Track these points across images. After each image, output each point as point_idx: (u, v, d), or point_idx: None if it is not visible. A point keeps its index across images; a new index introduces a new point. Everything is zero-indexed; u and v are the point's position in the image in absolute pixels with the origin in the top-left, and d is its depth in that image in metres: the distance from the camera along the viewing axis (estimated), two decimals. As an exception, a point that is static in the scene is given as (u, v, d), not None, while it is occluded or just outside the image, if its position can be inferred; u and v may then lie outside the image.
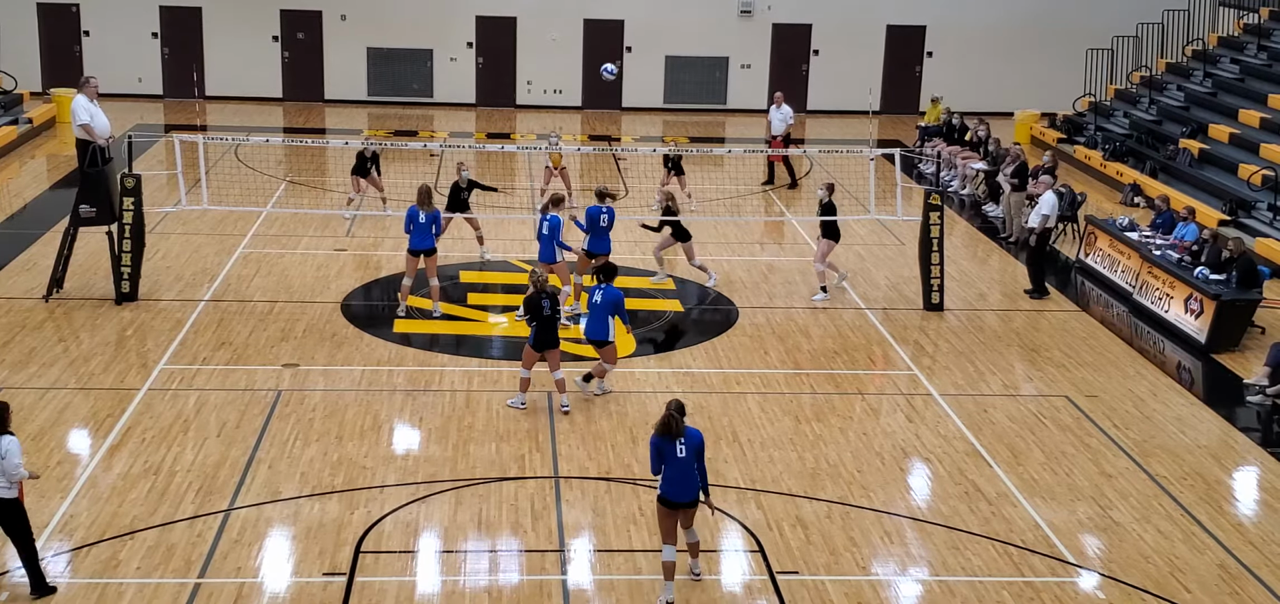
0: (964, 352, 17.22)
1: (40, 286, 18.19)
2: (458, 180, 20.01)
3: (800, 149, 28.00)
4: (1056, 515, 12.66)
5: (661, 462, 10.49)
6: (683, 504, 10.53)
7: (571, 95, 35.37)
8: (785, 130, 26.94)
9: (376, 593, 10.89)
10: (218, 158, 26.81)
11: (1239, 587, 11.50)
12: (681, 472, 10.41)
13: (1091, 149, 29.12)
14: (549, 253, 17.34)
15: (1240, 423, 15.36)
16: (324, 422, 14.19)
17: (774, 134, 26.88)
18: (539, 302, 14.39)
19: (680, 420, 10.44)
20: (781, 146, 26.54)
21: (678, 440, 10.41)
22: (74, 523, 11.82)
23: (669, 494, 10.46)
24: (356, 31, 34.54)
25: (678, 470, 10.40)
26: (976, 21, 35.52)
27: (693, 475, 10.48)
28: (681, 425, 10.43)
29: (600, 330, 14.81)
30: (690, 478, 10.47)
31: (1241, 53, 29.44)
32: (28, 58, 33.32)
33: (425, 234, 17.44)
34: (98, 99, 18.48)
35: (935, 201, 18.86)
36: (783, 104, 26.90)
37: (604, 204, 17.94)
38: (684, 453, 10.41)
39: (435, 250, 17.66)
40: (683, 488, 10.45)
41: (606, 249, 17.74)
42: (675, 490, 10.46)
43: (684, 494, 10.47)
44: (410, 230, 17.50)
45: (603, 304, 14.75)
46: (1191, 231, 19.73)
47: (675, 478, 10.43)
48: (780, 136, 26.79)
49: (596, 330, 14.85)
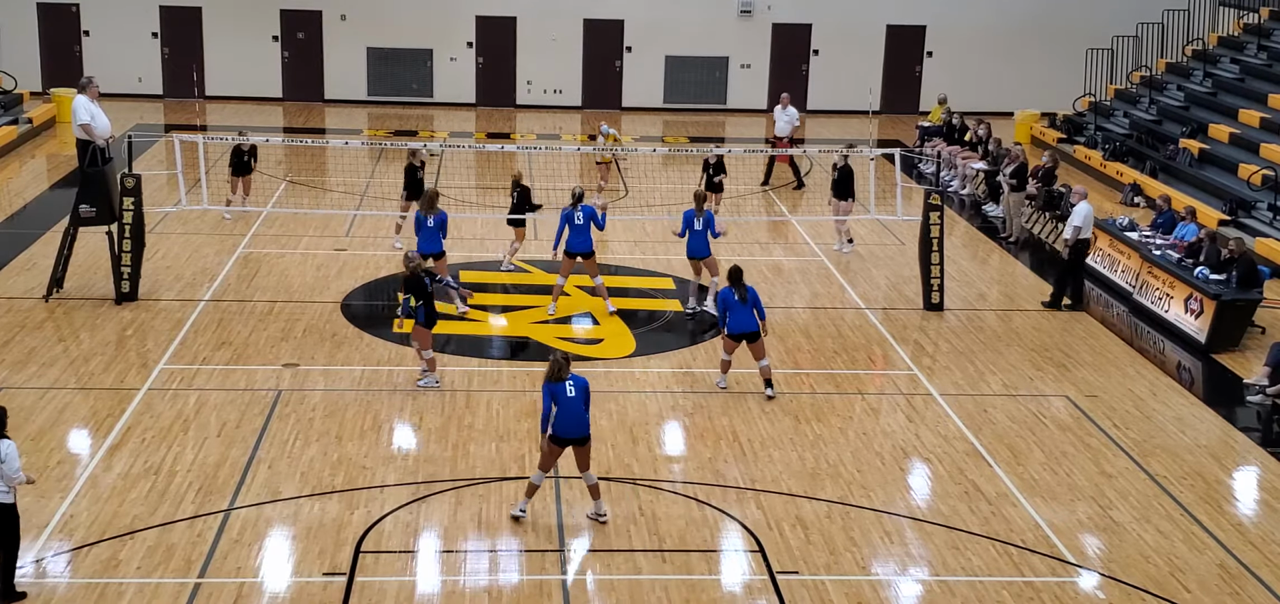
0: (964, 352, 17.22)
1: (40, 286, 18.19)
2: (412, 162, 20.44)
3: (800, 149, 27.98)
4: (1056, 515, 12.66)
5: (553, 403, 11.59)
6: (572, 440, 11.67)
7: (571, 95, 35.36)
8: (790, 131, 26.93)
9: (376, 593, 10.89)
10: (218, 158, 26.79)
11: (1239, 587, 11.50)
12: (571, 410, 11.56)
13: (1091, 149, 29.12)
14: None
15: (1240, 423, 15.36)
16: (324, 422, 14.19)
17: (779, 135, 26.88)
18: (421, 279, 14.75)
19: (566, 366, 11.65)
20: (788, 147, 26.56)
21: (566, 382, 11.56)
22: (74, 523, 11.82)
23: (559, 431, 11.63)
24: (356, 31, 34.54)
25: (567, 409, 11.55)
26: (976, 21, 35.52)
27: (583, 415, 11.61)
28: (567, 371, 11.62)
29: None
30: (579, 417, 11.60)
31: (1241, 53, 29.43)
32: (28, 58, 33.32)
33: (433, 238, 17.41)
34: (98, 99, 18.50)
35: (935, 201, 18.86)
36: (788, 105, 26.89)
37: (578, 207, 17.76)
38: (573, 393, 11.56)
39: (443, 254, 17.63)
40: (572, 425, 11.60)
41: (587, 248, 17.73)
42: (565, 428, 11.61)
43: (573, 431, 11.62)
44: (418, 234, 17.51)
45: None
46: (1191, 231, 19.73)
47: (565, 417, 11.57)
48: (786, 137, 26.79)
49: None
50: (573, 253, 17.79)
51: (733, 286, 15.01)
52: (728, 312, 15.07)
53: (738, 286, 14.98)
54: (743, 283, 15.02)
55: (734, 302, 14.98)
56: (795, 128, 27.19)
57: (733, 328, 15.05)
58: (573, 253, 17.79)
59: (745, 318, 14.96)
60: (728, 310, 15.06)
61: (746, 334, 15.04)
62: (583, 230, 17.74)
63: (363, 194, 24.52)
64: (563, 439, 11.69)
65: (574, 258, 17.78)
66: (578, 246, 17.75)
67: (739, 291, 14.95)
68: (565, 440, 11.70)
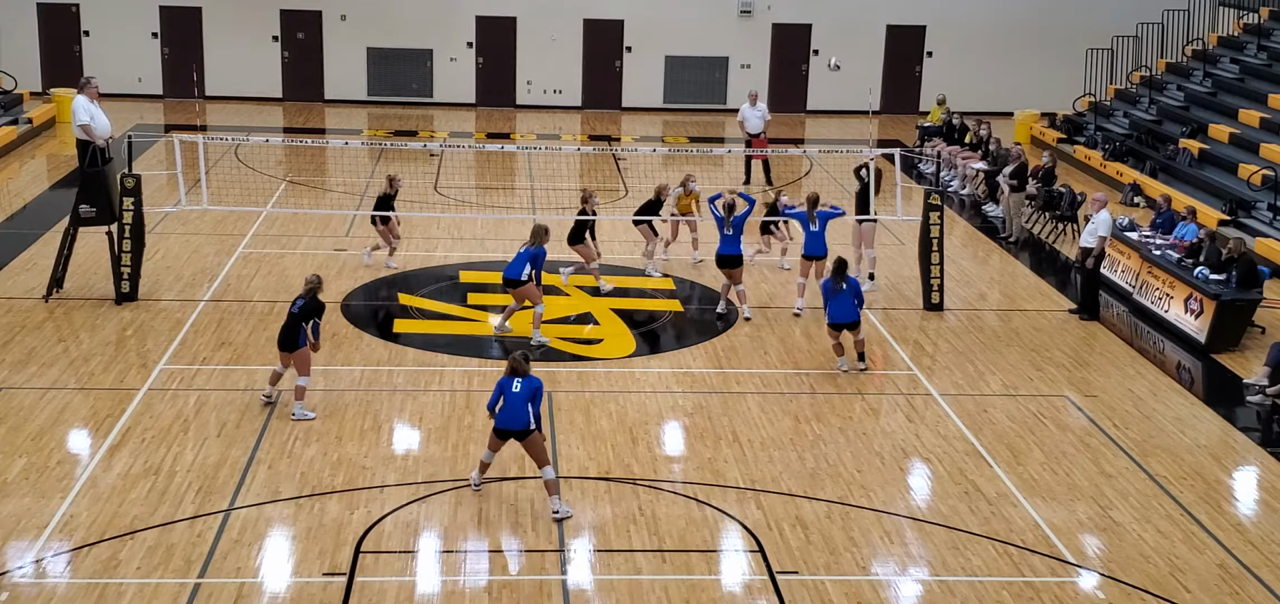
0: (964, 351, 17.22)
1: (40, 286, 18.19)
2: (388, 191, 19.73)
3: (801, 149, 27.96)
4: (1056, 515, 12.66)
5: (500, 395, 12.20)
6: (511, 431, 12.08)
7: (571, 95, 35.37)
8: (764, 127, 26.88)
9: (376, 593, 10.89)
10: (218, 158, 26.81)
11: (1239, 587, 11.50)
12: (513, 405, 12.07)
13: (1091, 149, 29.12)
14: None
15: (1240, 423, 15.36)
16: (324, 422, 14.19)
17: (753, 133, 26.77)
18: (320, 303, 14.43)
19: (525, 365, 12.18)
20: (763, 145, 26.52)
21: (516, 378, 12.11)
22: (74, 523, 11.82)
23: (500, 424, 12.16)
24: (356, 31, 34.54)
25: (509, 403, 12.09)
26: (976, 21, 35.53)
27: (523, 411, 12.03)
28: (525, 369, 12.16)
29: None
30: (518, 412, 12.03)
31: (1241, 53, 29.44)
32: (28, 58, 33.33)
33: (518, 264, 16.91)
34: (98, 99, 18.49)
35: (935, 201, 18.86)
36: (758, 102, 26.85)
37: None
38: (518, 389, 12.07)
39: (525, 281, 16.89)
40: (509, 418, 12.07)
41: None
42: (504, 419, 12.11)
43: (512, 423, 12.06)
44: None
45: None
46: (1191, 232, 19.72)
47: (506, 410, 12.11)
48: (761, 134, 26.73)
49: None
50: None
51: (834, 278, 15.91)
52: (828, 300, 16.05)
53: (838, 277, 15.87)
54: (844, 273, 15.91)
55: (830, 290, 15.98)
56: (768, 122, 27.10)
57: (833, 317, 15.97)
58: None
59: (844, 306, 15.87)
60: (828, 299, 16.04)
61: (846, 324, 15.96)
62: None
63: (363, 194, 24.50)
64: (503, 431, 12.17)
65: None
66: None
67: (837, 282, 15.84)
68: (505, 432, 12.16)
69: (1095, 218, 18.82)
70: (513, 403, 12.10)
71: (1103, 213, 18.82)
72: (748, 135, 26.84)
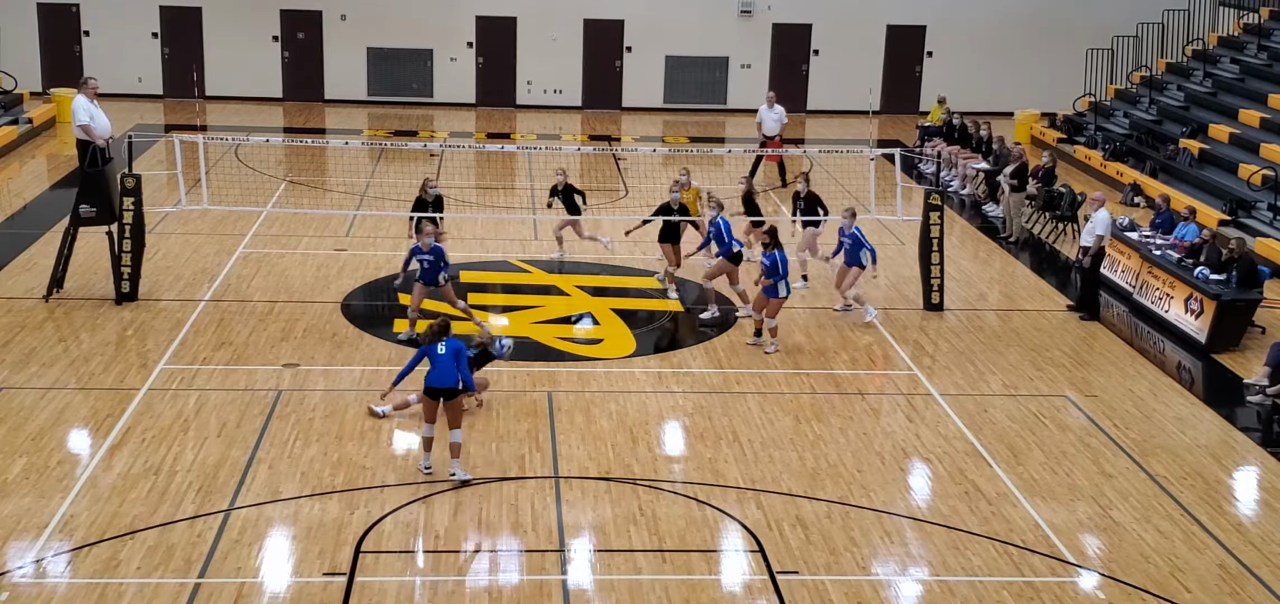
0: (964, 351, 17.22)
1: (40, 286, 18.19)
2: (423, 196, 19.08)
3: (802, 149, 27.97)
4: (1056, 515, 12.66)
5: (421, 359, 12.99)
6: (441, 389, 12.65)
7: (571, 95, 35.38)
8: (780, 129, 26.90)
9: (376, 593, 10.89)
10: (218, 158, 26.81)
11: (1239, 587, 11.50)
12: (439, 365, 12.68)
13: (1091, 149, 29.12)
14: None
15: (1240, 423, 15.36)
16: (324, 422, 14.19)
17: (769, 134, 26.79)
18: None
19: (442, 332, 12.83)
20: (779, 146, 26.53)
21: (441, 342, 12.74)
22: (74, 523, 11.82)
23: (429, 383, 12.74)
24: (356, 31, 34.54)
25: (437, 365, 12.69)
26: (976, 21, 35.53)
27: (451, 370, 12.67)
28: (443, 335, 12.79)
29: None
30: (448, 371, 12.66)
31: (1241, 53, 29.44)
32: (28, 58, 33.33)
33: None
34: (98, 99, 18.49)
35: (935, 201, 18.86)
36: (775, 104, 26.86)
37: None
38: (443, 351, 12.68)
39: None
40: (439, 377, 12.68)
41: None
42: (434, 378, 12.71)
43: (440, 382, 12.66)
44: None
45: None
46: (1191, 231, 19.72)
47: (434, 371, 12.71)
48: (776, 136, 26.75)
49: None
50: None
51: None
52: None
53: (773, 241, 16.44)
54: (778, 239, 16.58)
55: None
56: (784, 125, 27.11)
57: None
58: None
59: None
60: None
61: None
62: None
63: (363, 194, 24.52)
64: (433, 389, 12.70)
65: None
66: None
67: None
68: (436, 390, 12.69)
69: (1094, 217, 18.82)
70: (440, 363, 12.67)
71: (1101, 212, 18.82)
72: (763, 137, 26.89)
